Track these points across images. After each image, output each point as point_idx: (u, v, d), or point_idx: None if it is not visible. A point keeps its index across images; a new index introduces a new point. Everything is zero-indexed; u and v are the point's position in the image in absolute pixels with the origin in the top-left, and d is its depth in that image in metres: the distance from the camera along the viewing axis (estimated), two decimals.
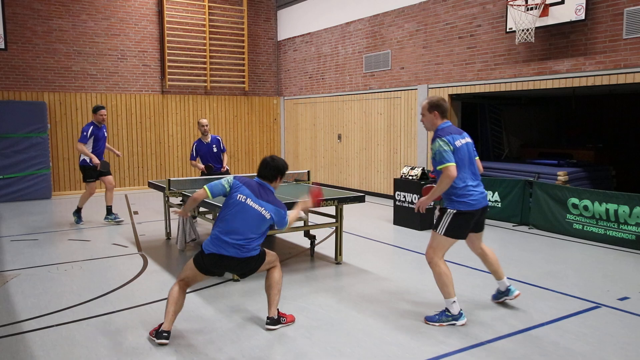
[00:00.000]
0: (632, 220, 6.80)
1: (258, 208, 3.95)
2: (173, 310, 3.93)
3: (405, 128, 10.91)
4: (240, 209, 3.94)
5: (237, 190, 3.99)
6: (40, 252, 6.82)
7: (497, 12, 8.89)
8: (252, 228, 3.94)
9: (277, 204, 4.05)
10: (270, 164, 4.10)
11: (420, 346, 3.91)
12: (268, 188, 4.08)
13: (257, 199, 3.97)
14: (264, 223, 3.99)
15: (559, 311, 4.62)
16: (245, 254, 3.96)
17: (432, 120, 4.46)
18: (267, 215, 3.97)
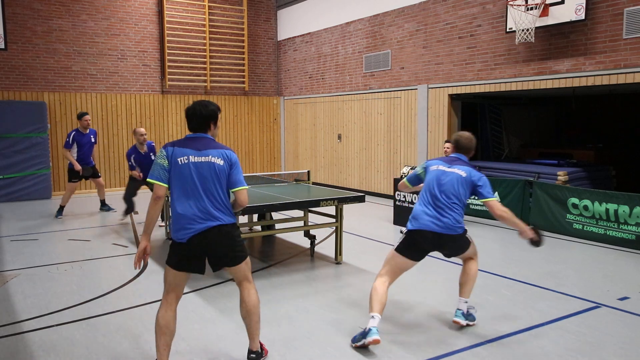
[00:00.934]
0: (632, 220, 6.80)
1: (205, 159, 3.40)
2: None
3: (405, 128, 10.91)
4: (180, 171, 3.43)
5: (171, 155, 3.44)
6: (40, 252, 6.82)
7: (497, 12, 8.89)
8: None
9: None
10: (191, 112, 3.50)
11: (420, 346, 3.91)
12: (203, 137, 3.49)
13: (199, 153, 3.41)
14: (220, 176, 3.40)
15: (559, 311, 4.62)
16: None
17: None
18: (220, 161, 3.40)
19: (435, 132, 10.23)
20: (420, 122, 10.49)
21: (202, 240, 3.35)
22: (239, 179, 3.44)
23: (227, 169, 3.40)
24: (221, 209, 3.39)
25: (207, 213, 3.35)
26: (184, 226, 3.37)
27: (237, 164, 3.46)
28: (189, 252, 3.39)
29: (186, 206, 3.39)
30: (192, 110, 3.48)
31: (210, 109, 3.49)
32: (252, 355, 3.57)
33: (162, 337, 3.34)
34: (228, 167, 3.41)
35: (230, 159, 3.43)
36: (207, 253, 3.43)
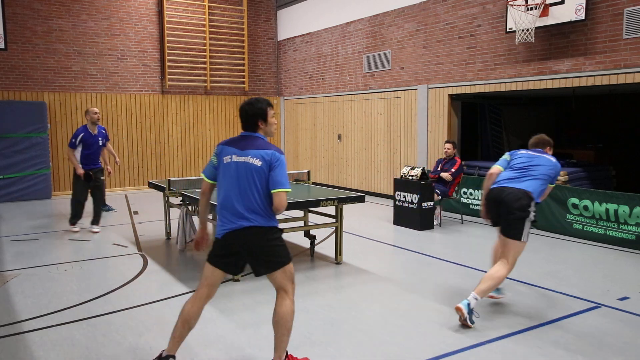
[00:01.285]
0: (632, 220, 6.80)
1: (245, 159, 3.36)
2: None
3: (405, 128, 10.91)
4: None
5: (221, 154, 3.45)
6: (40, 252, 6.82)
7: (497, 12, 8.89)
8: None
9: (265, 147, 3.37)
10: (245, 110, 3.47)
11: (420, 346, 3.91)
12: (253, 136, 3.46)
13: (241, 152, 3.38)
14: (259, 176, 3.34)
15: (559, 311, 4.62)
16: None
17: None
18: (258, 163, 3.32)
19: (435, 132, 10.23)
20: (420, 122, 10.49)
21: (235, 239, 3.34)
22: (277, 180, 3.31)
23: (265, 170, 3.32)
24: (256, 210, 3.32)
25: (241, 213, 3.31)
26: (221, 223, 3.38)
27: (279, 166, 3.33)
28: (223, 249, 3.40)
29: (225, 204, 3.38)
30: (240, 109, 3.48)
31: (256, 107, 3.43)
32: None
33: (179, 329, 3.37)
34: (267, 168, 3.32)
35: (270, 160, 3.32)
36: (240, 254, 3.39)
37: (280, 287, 3.40)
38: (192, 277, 5.68)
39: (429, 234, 7.90)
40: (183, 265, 6.28)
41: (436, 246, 7.14)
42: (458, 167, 8.33)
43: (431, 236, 7.74)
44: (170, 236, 7.51)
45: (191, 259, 6.53)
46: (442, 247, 7.09)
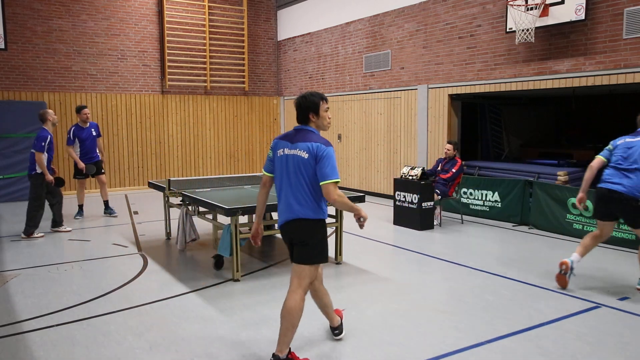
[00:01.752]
0: None
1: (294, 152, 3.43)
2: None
3: (405, 128, 10.91)
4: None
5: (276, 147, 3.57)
6: (40, 252, 6.82)
7: (497, 12, 8.89)
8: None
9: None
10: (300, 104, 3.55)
11: (420, 346, 3.91)
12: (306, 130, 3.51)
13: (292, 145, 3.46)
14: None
15: (559, 311, 4.62)
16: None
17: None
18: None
19: (435, 132, 10.23)
20: (420, 122, 10.49)
21: (287, 230, 3.52)
22: (324, 172, 3.33)
23: (311, 162, 3.36)
24: (304, 202, 3.40)
25: (292, 205, 3.43)
26: (279, 215, 3.55)
27: (325, 158, 3.34)
28: (284, 239, 3.62)
29: (280, 197, 3.52)
30: (295, 102, 3.57)
31: (309, 100, 3.49)
32: (334, 330, 3.93)
33: (281, 324, 3.43)
34: (313, 160, 3.35)
35: (317, 152, 3.35)
36: (290, 243, 3.57)
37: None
38: (192, 277, 5.68)
39: (429, 234, 7.90)
40: (183, 265, 6.28)
41: (436, 246, 7.14)
42: (459, 168, 8.32)
43: (431, 236, 7.74)
44: (170, 236, 7.51)
45: (191, 259, 6.53)
46: (442, 247, 7.09)
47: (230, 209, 5.27)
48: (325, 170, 3.32)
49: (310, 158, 3.35)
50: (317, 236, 3.47)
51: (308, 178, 3.37)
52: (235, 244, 5.43)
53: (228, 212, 5.26)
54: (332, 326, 4.00)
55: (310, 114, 3.48)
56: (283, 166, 3.46)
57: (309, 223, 3.42)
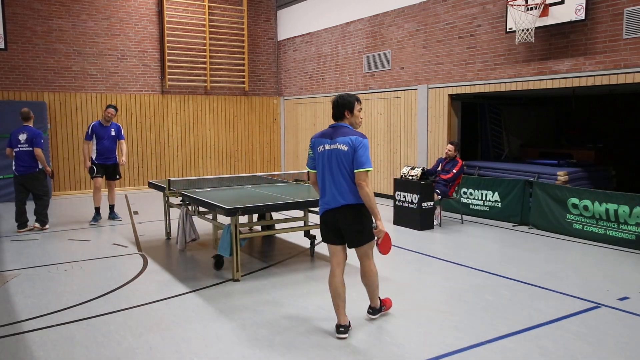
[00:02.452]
0: (632, 220, 6.80)
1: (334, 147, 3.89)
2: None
3: (405, 128, 10.91)
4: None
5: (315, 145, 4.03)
6: (40, 252, 6.82)
7: (497, 12, 8.89)
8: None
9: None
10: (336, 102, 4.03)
11: (420, 346, 3.91)
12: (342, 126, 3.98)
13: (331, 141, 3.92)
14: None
15: (559, 311, 4.62)
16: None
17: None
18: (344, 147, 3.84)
19: (435, 132, 10.23)
20: (420, 122, 10.49)
21: (331, 217, 3.98)
22: (359, 161, 3.81)
23: (351, 154, 3.83)
24: (346, 190, 3.88)
25: (335, 194, 3.91)
26: (321, 204, 4.04)
27: (362, 148, 3.82)
28: (325, 225, 4.06)
29: (323, 187, 3.99)
30: (333, 101, 4.02)
31: (346, 99, 3.97)
32: (370, 310, 4.40)
33: (333, 300, 4.08)
34: (352, 152, 3.83)
35: (354, 144, 3.83)
36: (336, 227, 4.01)
37: (364, 255, 4.16)
38: (192, 277, 5.68)
39: (429, 234, 7.90)
40: (183, 265, 6.28)
41: (436, 246, 7.14)
42: (459, 168, 8.32)
43: (431, 236, 7.74)
44: (170, 236, 7.51)
45: (191, 259, 6.53)
46: (442, 247, 7.09)
47: (230, 209, 5.27)
48: (361, 159, 3.81)
49: (349, 150, 3.83)
50: (364, 218, 3.97)
51: (348, 169, 3.85)
52: (235, 244, 5.43)
53: (228, 212, 5.27)
54: (372, 305, 4.43)
55: (346, 111, 3.97)
56: (325, 161, 3.93)
57: (355, 207, 3.91)
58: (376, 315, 4.41)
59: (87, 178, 12.32)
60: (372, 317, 4.41)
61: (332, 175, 3.90)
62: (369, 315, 4.42)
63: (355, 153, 3.81)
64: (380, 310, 4.43)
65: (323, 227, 4.10)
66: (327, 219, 4.01)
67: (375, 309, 4.39)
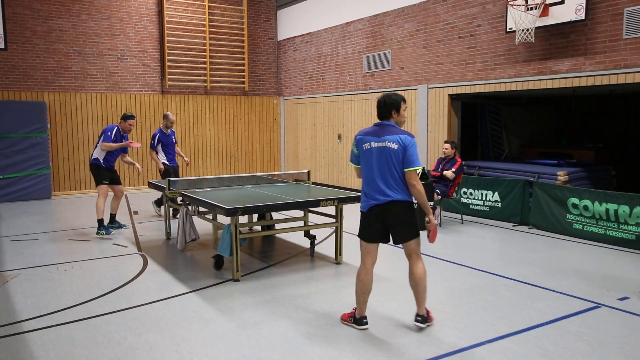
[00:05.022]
0: (632, 220, 6.80)
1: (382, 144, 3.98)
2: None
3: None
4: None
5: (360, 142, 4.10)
6: (40, 252, 6.82)
7: (497, 12, 8.89)
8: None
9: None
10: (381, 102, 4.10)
11: (420, 346, 3.91)
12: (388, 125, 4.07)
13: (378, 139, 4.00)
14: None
15: (559, 311, 4.62)
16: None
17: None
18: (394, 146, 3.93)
19: (435, 132, 10.23)
20: (420, 122, 10.49)
21: (377, 212, 4.01)
22: (410, 160, 3.92)
23: (401, 152, 3.92)
24: (394, 187, 3.96)
25: (382, 190, 3.97)
26: (366, 199, 4.07)
27: (412, 147, 3.93)
28: (369, 220, 4.08)
29: (368, 183, 4.04)
30: (378, 101, 4.09)
31: (392, 98, 4.06)
32: (418, 317, 4.18)
33: (361, 295, 4.13)
34: (402, 150, 3.92)
35: (405, 143, 3.93)
36: (383, 224, 4.05)
37: (413, 251, 4.10)
38: (192, 277, 5.68)
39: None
40: (183, 265, 6.28)
41: (436, 246, 7.14)
42: (459, 167, 8.32)
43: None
44: (170, 236, 7.51)
45: (191, 259, 6.53)
46: (442, 247, 7.09)
47: (230, 209, 5.27)
48: (412, 157, 3.93)
49: (399, 148, 3.92)
50: (412, 214, 4.05)
51: (398, 166, 3.94)
52: (235, 244, 5.44)
53: (228, 212, 5.26)
54: (419, 313, 4.24)
55: (393, 110, 4.06)
56: (371, 157, 4.00)
57: (403, 203, 3.99)
58: (425, 324, 4.16)
59: (87, 178, 12.35)
60: (421, 325, 4.15)
61: (381, 172, 3.96)
62: (418, 324, 4.16)
63: (406, 152, 3.91)
64: (427, 320, 4.19)
65: (366, 224, 4.10)
66: (373, 214, 4.04)
67: (424, 317, 4.17)
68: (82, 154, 12.37)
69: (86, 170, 12.35)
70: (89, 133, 12.43)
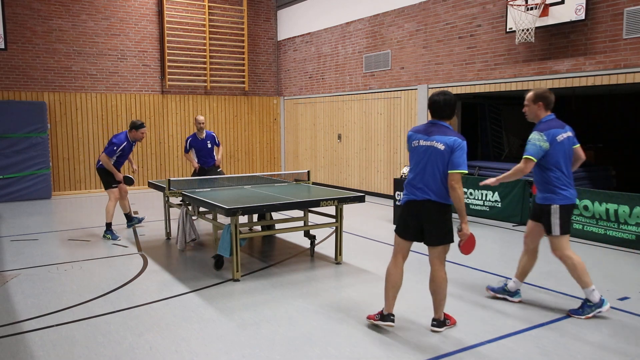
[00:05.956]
0: (632, 220, 6.80)
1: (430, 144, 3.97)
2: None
3: (405, 128, 10.91)
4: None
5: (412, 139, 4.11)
6: (40, 252, 6.82)
7: (497, 12, 8.89)
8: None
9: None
10: (440, 103, 4.04)
11: (420, 346, 3.91)
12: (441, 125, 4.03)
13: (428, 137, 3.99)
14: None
15: (558, 311, 4.61)
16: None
17: (536, 112, 4.52)
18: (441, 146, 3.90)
19: None
20: (420, 122, 10.49)
21: (414, 207, 4.01)
22: (457, 162, 3.85)
23: (447, 154, 3.87)
24: (435, 187, 3.93)
25: (422, 188, 3.97)
26: (406, 193, 4.08)
27: (460, 149, 3.85)
28: (407, 216, 4.07)
29: (411, 179, 4.05)
30: (436, 100, 4.02)
31: (448, 97, 4.01)
32: (434, 322, 4.16)
33: (390, 290, 4.11)
34: (449, 152, 3.86)
35: (452, 146, 3.87)
36: (418, 222, 4.02)
37: (437, 257, 4.06)
38: (192, 277, 5.68)
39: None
40: (183, 265, 6.28)
41: None
42: None
43: None
44: (170, 236, 7.51)
45: (191, 259, 6.53)
46: None
47: (230, 209, 5.27)
48: (458, 160, 3.86)
49: (446, 150, 3.87)
50: (446, 218, 3.99)
51: (441, 167, 3.90)
52: (235, 244, 5.44)
53: (228, 212, 5.26)
54: (435, 317, 4.22)
55: (449, 111, 4.01)
56: (419, 155, 4.00)
57: (439, 206, 3.94)
58: (442, 328, 4.13)
59: (87, 178, 12.35)
60: (438, 330, 4.13)
61: (425, 171, 3.95)
62: (434, 328, 4.14)
63: (453, 154, 3.85)
64: (445, 324, 4.16)
65: (403, 219, 4.11)
66: (410, 209, 4.04)
67: (439, 321, 4.14)
68: (82, 154, 12.37)
69: (86, 170, 12.36)
70: (89, 133, 12.43)
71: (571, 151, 4.47)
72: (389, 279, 4.13)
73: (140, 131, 7.71)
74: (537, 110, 4.49)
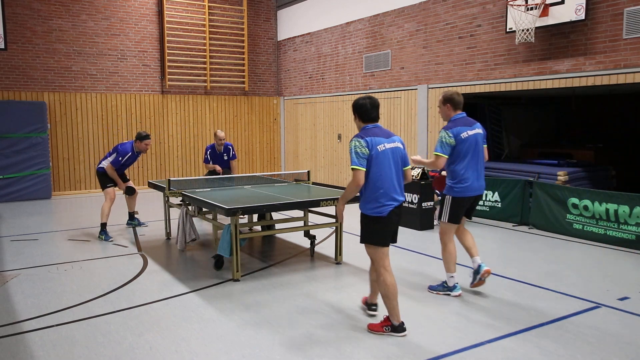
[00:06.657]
0: (632, 220, 6.80)
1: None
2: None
3: (405, 128, 10.91)
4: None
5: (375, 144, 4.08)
6: (40, 252, 6.82)
7: (497, 12, 8.89)
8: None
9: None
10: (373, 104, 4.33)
11: (420, 346, 3.91)
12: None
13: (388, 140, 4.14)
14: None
15: (559, 311, 4.62)
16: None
17: (446, 112, 4.95)
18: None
19: (435, 132, 10.22)
20: (420, 122, 10.49)
21: (396, 214, 4.05)
22: (408, 159, 4.22)
23: (404, 151, 4.14)
24: (402, 187, 4.14)
25: (398, 191, 4.08)
26: (383, 203, 3.98)
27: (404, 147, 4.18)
28: (387, 224, 4.02)
29: (387, 187, 4.01)
30: (372, 102, 4.31)
31: (377, 101, 4.33)
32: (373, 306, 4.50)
33: (394, 299, 4.05)
34: (404, 149, 4.16)
35: (403, 143, 4.21)
36: (396, 225, 4.13)
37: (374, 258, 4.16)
38: (192, 277, 5.68)
39: (429, 234, 7.90)
40: (183, 265, 6.28)
41: (436, 246, 7.12)
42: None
43: (431, 236, 7.74)
44: (170, 236, 7.51)
45: (191, 259, 6.53)
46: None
47: (230, 209, 5.27)
48: (408, 157, 4.22)
49: (404, 148, 4.16)
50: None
51: (403, 166, 4.15)
52: (235, 244, 5.44)
53: (228, 212, 5.27)
54: (370, 302, 4.52)
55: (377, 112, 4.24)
56: (389, 158, 4.05)
57: (402, 205, 4.16)
58: (369, 311, 4.50)
59: (87, 178, 12.35)
60: (369, 313, 4.49)
61: (397, 173, 4.07)
62: (364, 309, 4.57)
63: (404, 151, 4.13)
64: (371, 309, 4.50)
65: (387, 228, 4.04)
66: (392, 217, 4.03)
67: (369, 304, 4.52)
68: (82, 154, 12.37)
69: (86, 170, 12.36)
70: (89, 133, 12.43)
71: (478, 147, 4.84)
72: (391, 289, 4.02)
73: (144, 142, 7.67)
74: (447, 111, 4.93)
